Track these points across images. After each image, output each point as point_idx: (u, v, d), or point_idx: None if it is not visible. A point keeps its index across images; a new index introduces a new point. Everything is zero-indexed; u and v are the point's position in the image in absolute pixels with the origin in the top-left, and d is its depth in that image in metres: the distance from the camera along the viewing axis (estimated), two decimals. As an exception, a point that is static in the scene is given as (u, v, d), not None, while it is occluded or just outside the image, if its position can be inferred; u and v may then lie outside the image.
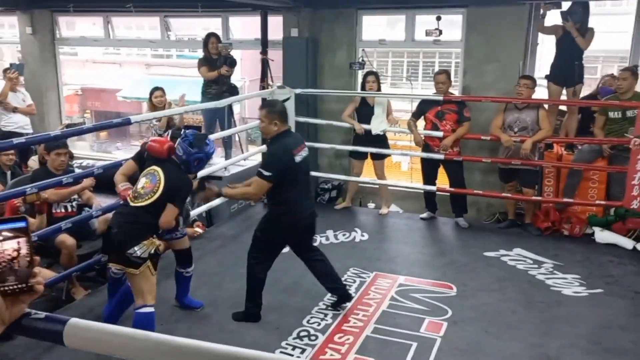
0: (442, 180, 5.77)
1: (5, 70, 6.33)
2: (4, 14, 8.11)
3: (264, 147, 6.37)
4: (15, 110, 6.22)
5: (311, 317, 3.75)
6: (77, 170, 4.60)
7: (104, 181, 4.16)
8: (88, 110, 17.03)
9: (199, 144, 3.22)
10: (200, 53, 6.37)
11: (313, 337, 3.51)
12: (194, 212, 5.08)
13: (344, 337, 3.52)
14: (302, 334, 3.56)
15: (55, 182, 3.61)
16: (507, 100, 5.26)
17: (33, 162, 5.65)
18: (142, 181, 3.14)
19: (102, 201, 4.51)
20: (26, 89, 6.71)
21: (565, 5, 5.21)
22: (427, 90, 6.59)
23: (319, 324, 3.66)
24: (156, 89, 5.74)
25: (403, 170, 9.53)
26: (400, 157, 8.27)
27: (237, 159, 6.03)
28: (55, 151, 4.01)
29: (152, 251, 3.04)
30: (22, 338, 3.11)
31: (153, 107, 5.71)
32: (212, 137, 5.89)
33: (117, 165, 4.08)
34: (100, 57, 18.39)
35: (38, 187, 3.31)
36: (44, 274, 1.04)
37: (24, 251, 0.99)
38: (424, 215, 5.73)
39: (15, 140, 3.19)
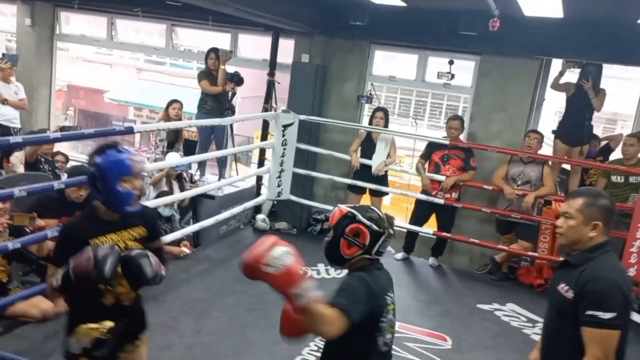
0: (428, 224, 5.72)
1: (-3, 60, 6.05)
2: (3, 1, 7.85)
3: (261, 170, 6.18)
4: (5, 102, 5.94)
5: (302, 358, 3.56)
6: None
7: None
8: (72, 107, 16.62)
9: None
10: (193, 64, 6.18)
11: (304, 381, 3.31)
12: (182, 232, 4.86)
13: (337, 384, 3.32)
14: (292, 376, 3.36)
15: (45, 188, 3.33)
16: (514, 152, 5.23)
17: (16, 159, 5.36)
18: None
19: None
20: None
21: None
22: (433, 131, 6.54)
23: (311, 366, 3.47)
24: (175, 101, 5.54)
25: (385, 204, 9.45)
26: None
27: (233, 179, 5.85)
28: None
29: None
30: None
31: (167, 119, 5.50)
32: (207, 155, 5.78)
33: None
34: (92, 56, 18.08)
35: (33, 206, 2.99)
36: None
37: None
38: (399, 255, 5.69)
39: (12, 139, 2.94)
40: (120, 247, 2.11)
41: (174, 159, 5.23)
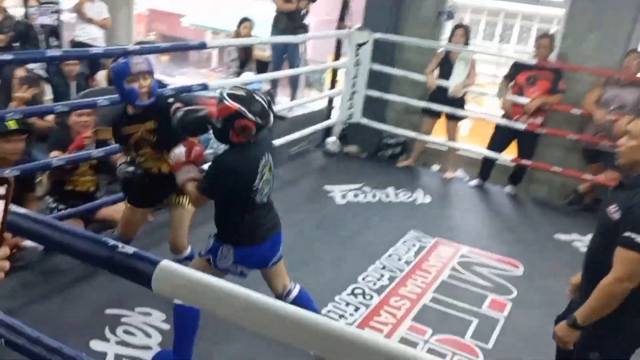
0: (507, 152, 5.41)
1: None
2: None
3: (333, 92, 6.07)
4: (90, 21, 6.12)
5: (367, 275, 3.59)
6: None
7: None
8: (154, 32, 16.99)
9: None
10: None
11: (368, 297, 3.36)
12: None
13: (401, 301, 3.35)
14: (356, 291, 3.41)
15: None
16: (609, 73, 4.75)
17: (101, 77, 5.57)
18: None
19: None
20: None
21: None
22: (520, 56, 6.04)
23: (375, 284, 3.50)
24: (245, 19, 5.48)
25: (463, 134, 9.08)
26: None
27: (305, 100, 5.81)
28: None
29: None
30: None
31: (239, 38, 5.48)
32: (279, 73, 5.71)
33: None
34: (170, -21, 18.14)
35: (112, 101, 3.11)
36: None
37: None
38: (474, 182, 5.47)
39: (93, 50, 3.03)
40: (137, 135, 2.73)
41: (247, 77, 5.24)
